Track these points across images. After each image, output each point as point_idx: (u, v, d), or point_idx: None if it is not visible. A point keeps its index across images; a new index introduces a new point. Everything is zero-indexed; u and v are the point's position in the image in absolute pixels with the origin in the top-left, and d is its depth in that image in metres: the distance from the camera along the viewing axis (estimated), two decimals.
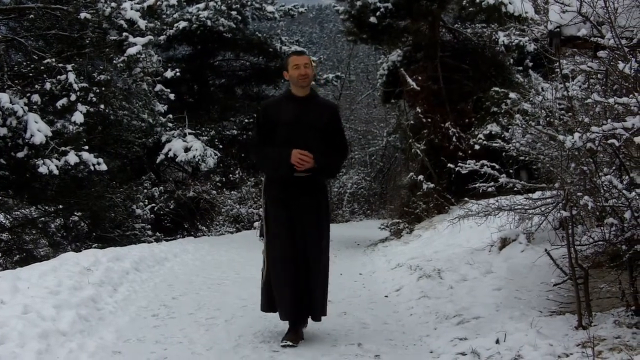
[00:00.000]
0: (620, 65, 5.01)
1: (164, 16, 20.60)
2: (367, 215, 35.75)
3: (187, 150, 19.87)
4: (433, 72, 18.38)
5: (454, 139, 16.90)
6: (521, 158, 8.79)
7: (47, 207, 16.44)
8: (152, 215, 19.24)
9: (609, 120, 4.87)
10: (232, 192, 22.73)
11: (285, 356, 5.41)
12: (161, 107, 18.52)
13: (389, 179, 35.58)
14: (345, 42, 37.47)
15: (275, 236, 5.78)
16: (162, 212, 20.46)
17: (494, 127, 15.56)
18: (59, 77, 14.08)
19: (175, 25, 22.48)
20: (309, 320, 5.99)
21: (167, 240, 16.40)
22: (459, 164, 9.24)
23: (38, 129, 12.94)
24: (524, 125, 8.77)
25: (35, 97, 13.60)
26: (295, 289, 5.68)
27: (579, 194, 5.36)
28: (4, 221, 16.69)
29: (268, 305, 5.98)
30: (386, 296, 8.61)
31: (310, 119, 5.75)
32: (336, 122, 5.99)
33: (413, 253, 11.61)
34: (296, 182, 5.70)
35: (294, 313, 5.74)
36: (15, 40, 15.09)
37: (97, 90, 14.82)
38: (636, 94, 4.60)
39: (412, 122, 19.12)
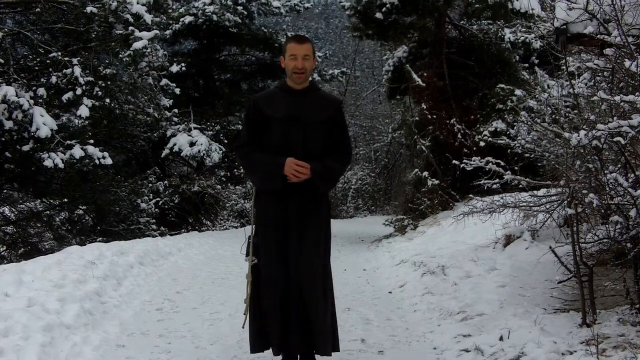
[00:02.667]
0: (627, 63, 5.00)
1: (170, 10, 20.60)
2: (371, 211, 35.77)
3: (192, 144, 19.87)
4: (438, 69, 18.37)
5: (459, 135, 16.89)
6: (526, 155, 8.79)
7: (52, 201, 16.46)
8: (156, 210, 19.26)
9: (614, 118, 4.87)
10: (237, 186, 22.76)
11: None
12: (166, 102, 18.50)
13: (394, 175, 35.55)
14: (350, 37, 37.35)
15: (265, 254, 4.86)
16: (166, 207, 20.47)
17: (499, 124, 15.55)
18: (64, 70, 14.09)
19: (181, 19, 22.46)
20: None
21: (171, 235, 16.45)
22: (464, 160, 9.24)
23: (43, 123, 12.96)
24: (529, 123, 8.77)
25: (41, 91, 13.61)
26: (285, 317, 4.79)
27: (584, 191, 5.36)
28: (9, 214, 16.74)
29: (261, 339, 4.93)
30: (390, 292, 8.62)
31: (308, 116, 4.83)
32: (339, 121, 4.99)
33: (417, 249, 11.61)
34: (292, 190, 4.76)
35: (283, 347, 4.84)
36: (21, 34, 15.10)
37: (103, 84, 14.81)
38: None
39: (417, 118, 19.10)
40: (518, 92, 15.74)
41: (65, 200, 16.07)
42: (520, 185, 8.63)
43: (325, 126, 4.89)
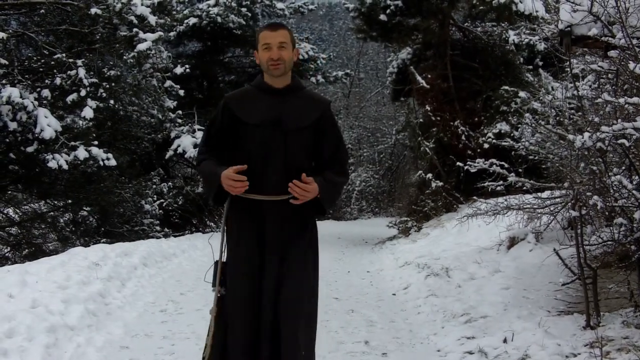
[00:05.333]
0: (631, 65, 4.99)
1: (174, 12, 20.60)
2: (375, 213, 35.77)
3: (196, 146, 19.84)
4: (443, 71, 18.37)
5: (463, 137, 16.90)
6: (530, 157, 8.79)
7: (56, 202, 16.46)
8: (160, 211, 19.23)
9: (619, 120, 4.86)
10: None
11: None
12: (170, 103, 18.50)
13: (398, 177, 35.57)
14: (354, 39, 37.50)
15: (233, 288, 3.94)
16: (170, 208, 20.44)
17: (503, 126, 15.55)
18: (69, 72, 14.09)
19: (185, 21, 22.46)
20: None
21: (175, 236, 16.45)
22: (468, 162, 9.25)
23: (48, 124, 12.95)
24: (533, 125, 8.77)
25: (46, 92, 13.60)
26: None
27: (589, 193, 5.36)
28: (13, 215, 16.74)
29: None
30: (394, 294, 8.62)
31: (290, 120, 3.96)
32: (330, 126, 4.10)
33: (421, 251, 11.61)
34: (270, 209, 3.90)
35: None
36: (25, 35, 15.11)
37: (107, 86, 14.82)
38: None
39: (421, 120, 19.13)
40: (522, 94, 15.73)
41: (70, 201, 16.07)
42: (524, 187, 8.63)
43: (311, 132, 4.02)
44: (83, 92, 14.00)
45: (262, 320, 3.84)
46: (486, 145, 15.05)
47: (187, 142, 19.95)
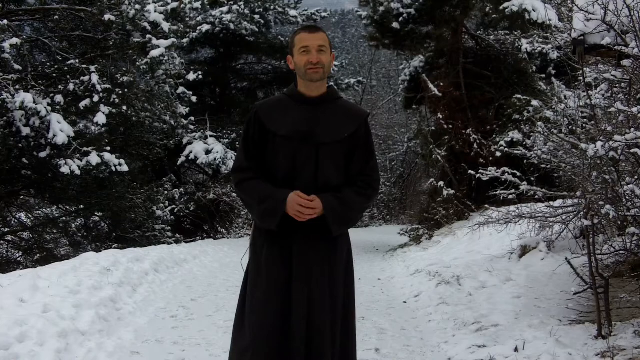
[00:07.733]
0: None
1: (188, 19, 20.69)
2: (386, 221, 35.75)
3: (208, 152, 19.94)
4: (455, 79, 18.36)
5: (475, 145, 16.87)
6: (543, 166, 8.77)
7: (68, 207, 16.53)
8: (172, 217, 19.30)
9: (632, 129, 4.85)
10: None
11: None
12: (183, 110, 18.61)
13: (409, 184, 35.52)
14: (367, 47, 37.58)
15: (253, 313, 3.58)
16: (182, 214, 20.52)
17: (515, 135, 15.51)
18: (82, 78, 14.17)
19: (199, 28, 22.58)
20: None
21: (186, 242, 16.49)
22: (480, 170, 9.25)
23: (61, 129, 13.02)
24: (546, 133, 8.75)
25: (59, 98, 13.67)
26: None
27: (601, 203, 5.34)
28: (25, 220, 16.82)
29: None
30: (405, 302, 8.60)
31: (323, 133, 3.61)
32: (364, 140, 3.71)
33: (432, 259, 11.58)
34: (297, 227, 3.53)
35: None
36: (39, 41, 15.21)
37: (120, 92, 14.90)
38: None
39: (433, 128, 19.11)
40: (535, 102, 15.69)
41: (82, 206, 16.14)
42: (537, 196, 8.61)
43: (345, 147, 3.65)
44: (96, 98, 14.08)
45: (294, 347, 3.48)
46: (498, 154, 14.99)
47: (199, 148, 20.03)
